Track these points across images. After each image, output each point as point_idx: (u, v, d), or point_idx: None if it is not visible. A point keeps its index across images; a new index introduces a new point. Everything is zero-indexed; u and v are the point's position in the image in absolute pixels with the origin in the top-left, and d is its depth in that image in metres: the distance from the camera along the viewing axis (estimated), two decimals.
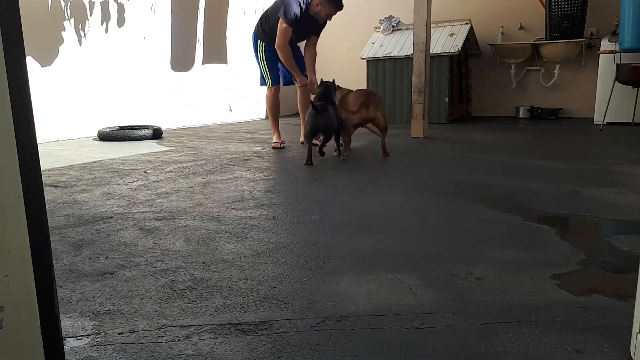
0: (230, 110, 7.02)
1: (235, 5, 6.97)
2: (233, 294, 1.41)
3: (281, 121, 4.87)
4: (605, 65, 5.60)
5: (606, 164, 3.33)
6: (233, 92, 7.06)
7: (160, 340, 1.17)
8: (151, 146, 4.63)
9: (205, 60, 6.70)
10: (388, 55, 6.45)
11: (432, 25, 5.48)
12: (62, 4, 5.00)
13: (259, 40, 4.32)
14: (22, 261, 0.78)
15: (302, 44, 4.45)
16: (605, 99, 5.45)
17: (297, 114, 5.17)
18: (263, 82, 4.45)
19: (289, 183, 2.90)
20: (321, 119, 3.47)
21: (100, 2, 5.38)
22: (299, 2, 4.01)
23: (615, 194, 2.52)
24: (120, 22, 5.60)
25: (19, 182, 0.76)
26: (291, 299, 1.38)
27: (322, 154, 3.79)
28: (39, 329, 0.81)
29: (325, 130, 3.62)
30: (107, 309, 1.33)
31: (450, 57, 6.12)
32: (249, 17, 6.96)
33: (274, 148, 4.39)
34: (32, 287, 0.80)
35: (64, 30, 5.05)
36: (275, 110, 4.52)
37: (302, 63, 4.36)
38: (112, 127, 5.24)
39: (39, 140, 0.87)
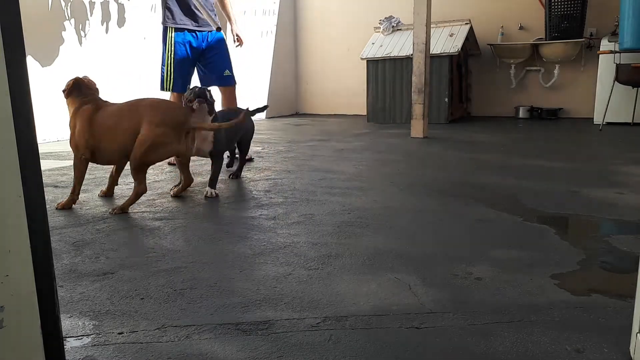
0: None
1: (235, 6, 6.96)
2: (233, 294, 1.41)
3: (280, 121, 4.82)
4: (605, 65, 5.60)
5: (606, 164, 3.33)
6: None
7: (160, 340, 1.17)
8: None
9: None
10: (388, 55, 6.45)
11: (432, 26, 5.48)
12: (62, 4, 5.00)
13: (167, 29, 3.48)
14: (22, 261, 0.78)
15: None
16: (605, 99, 5.45)
17: (295, 115, 5.11)
18: (163, 86, 3.57)
19: (289, 183, 2.90)
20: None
21: (100, 2, 5.38)
22: None
23: (615, 194, 2.52)
24: (120, 22, 5.60)
25: (19, 182, 0.76)
26: (291, 299, 1.38)
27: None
28: (40, 329, 0.82)
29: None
30: (108, 308, 1.33)
31: (450, 57, 6.12)
32: (248, 17, 6.95)
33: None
34: (33, 287, 0.80)
35: (64, 30, 5.05)
36: None
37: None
38: None
39: (39, 140, 0.87)
